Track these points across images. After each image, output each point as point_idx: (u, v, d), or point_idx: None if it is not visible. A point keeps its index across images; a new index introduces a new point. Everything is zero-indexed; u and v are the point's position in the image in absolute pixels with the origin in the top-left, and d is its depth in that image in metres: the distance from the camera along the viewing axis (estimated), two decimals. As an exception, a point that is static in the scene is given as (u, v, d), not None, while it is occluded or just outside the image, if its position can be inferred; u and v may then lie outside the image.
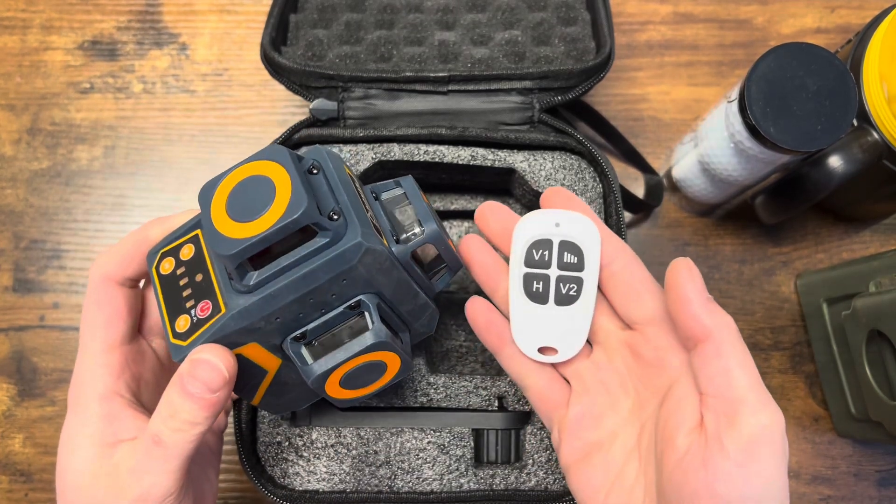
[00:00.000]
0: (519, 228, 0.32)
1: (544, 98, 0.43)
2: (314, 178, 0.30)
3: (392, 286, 0.31)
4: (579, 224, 0.31)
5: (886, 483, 0.48)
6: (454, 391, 0.40)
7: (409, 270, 0.32)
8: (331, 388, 0.31)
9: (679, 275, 0.29)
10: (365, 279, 0.30)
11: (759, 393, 0.26)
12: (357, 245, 0.28)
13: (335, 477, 0.39)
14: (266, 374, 0.32)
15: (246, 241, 0.27)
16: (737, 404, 0.26)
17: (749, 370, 0.27)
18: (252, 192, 0.28)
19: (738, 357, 0.27)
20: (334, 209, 0.29)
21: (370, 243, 0.29)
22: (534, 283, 0.32)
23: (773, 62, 0.38)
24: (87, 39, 0.55)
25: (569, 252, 0.31)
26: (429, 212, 0.33)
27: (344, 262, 0.28)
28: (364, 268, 0.29)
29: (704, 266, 0.51)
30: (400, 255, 0.32)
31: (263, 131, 0.54)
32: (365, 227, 0.29)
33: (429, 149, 0.42)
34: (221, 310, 0.29)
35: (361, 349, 0.30)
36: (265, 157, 0.29)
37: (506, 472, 0.39)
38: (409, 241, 0.32)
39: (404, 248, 0.32)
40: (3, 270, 0.52)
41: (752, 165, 0.42)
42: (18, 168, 0.53)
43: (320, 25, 0.46)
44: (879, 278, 0.42)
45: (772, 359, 0.50)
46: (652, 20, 0.55)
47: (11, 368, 0.50)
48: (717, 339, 0.27)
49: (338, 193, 0.30)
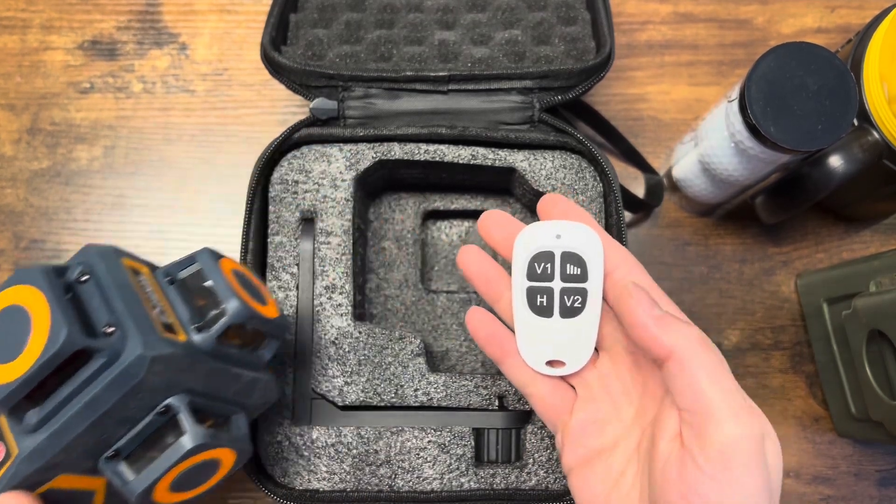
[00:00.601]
0: (519, 242, 0.32)
1: (544, 97, 0.43)
2: (84, 289, 0.28)
3: (201, 379, 0.29)
4: (581, 234, 0.31)
5: (887, 483, 0.48)
6: (454, 390, 0.40)
7: (219, 356, 0.30)
8: (162, 496, 0.29)
9: (626, 302, 0.28)
10: (165, 385, 0.28)
11: (729, 403, 0.26)
12: (140, 358, 0.26)
13: (335, 476, 0.39)
14: (94, 494, 0.30)
15: (7, 388, 0.25)
16: (705, 417, 0.26)
17: (717, 380, 0.26)
18: (6, 327, 0.26)
19: (704, 369, 0.26)
20: (109, 321, 0.27)
21: (155, 351, 0.27)
22: (538, 296, 0.31)
23: (773, 62, 0.38)
24: (87, 39, 0.55)
25: (571, 263, 0.31)
26: (229, 287, 0.30)
27: (130, 379, 0.26)
28: (157, 376, 0.27)
29: (705, 266, 0.51)
30: (203, 344, 0.29)
31: (263, 131, 0.53)
32: (147, 333, 0.27)
33: (429, 148, 0.42)
34: (13, 453, 0.27)
35: (180, 457, 0.28)
36: (16, 282, 0.27)
37: (506, 472, 0.39)
38: (212, 325, 0.30)
39: (207, 336, 0.30)
40: (3, 270, 0.52)
41: (752, 165, 0.42)
42: (18, 168, 0.53)
43: (320, 25, 0.46)
44: (880, 278, 0.42)
45: (772, 358, 0.50)
46: (652, 20, 0.55)
47: (11, 368, 0.50)
48: (679, 356, 0.27)
49: (113, 301, 0.28)
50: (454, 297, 0.47)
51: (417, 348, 0.40)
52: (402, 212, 0.47)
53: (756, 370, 0.50)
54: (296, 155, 0.42)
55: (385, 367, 0.40)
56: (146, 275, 0.31)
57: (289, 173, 0.42)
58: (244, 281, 0.33)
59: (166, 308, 0.30)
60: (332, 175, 0.42)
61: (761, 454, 0.26)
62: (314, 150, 0.42)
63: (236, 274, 0.33)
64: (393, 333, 0.41)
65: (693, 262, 0.51)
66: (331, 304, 0.41)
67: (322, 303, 0.41)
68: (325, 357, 0.40)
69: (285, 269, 0.41)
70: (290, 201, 0.42)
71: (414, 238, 0.47)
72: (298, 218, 0.42)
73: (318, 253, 0.41)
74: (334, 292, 0.41)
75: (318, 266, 0.41)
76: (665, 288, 0.50)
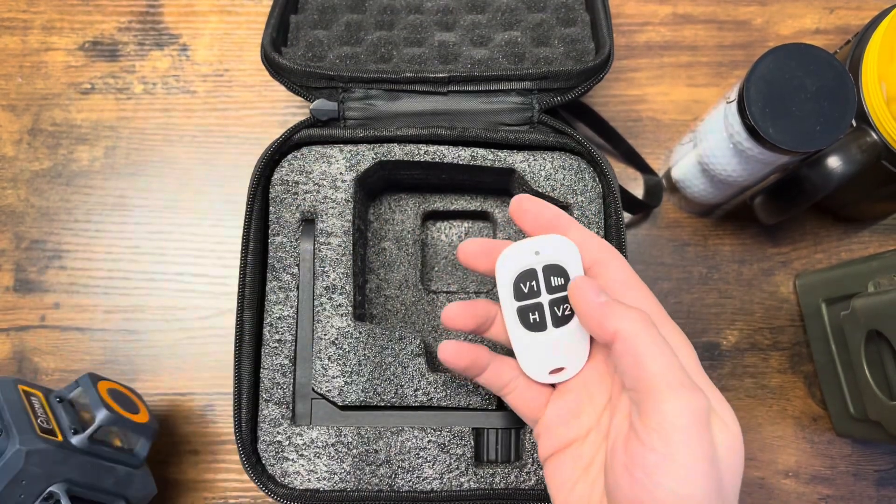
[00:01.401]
0: (500, 266, 0.32)
1: (544, 99, 0.43)
2: None
3: (78, 471, 0.38)
4: (556, 244, 0.31)
5: (885, 483, 0.49)
6: (454, 390, 0.40)
7: (93, 453, 0.39)
8: None
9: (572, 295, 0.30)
10: (45, 474, 0.36)
11: (669, 379, 0.26)
12: (17, 452, 0.35)
13: (336, 476, 0.39)
14: None
15: None
16: (645, 393, 0.26)
17: (658, 358, 0.27)
18: None
19: (647, 347, 0.27)
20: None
21: (31, 446, 0.36)
22: (529, 314, 0.32)
23: (772, 63, 0.38)
24: (88, 40, 0.55)
25: (554, 275, 0.31)
26: (100, 401, 0.40)
27: (12, 468, 0.35)
28: (36, 466, 0.36)
29: (704, 266, 0.51)
30: (79, 443, 0.39)
31: (264, 132, 0.54)
32: (25, 433, 0.36)
33: (429, 149, 0.42)
34: None
35: None
36: None
37: (506, 471, 0.40)
38: (86, 428, 0.39)
39: (83, 437, 0.39)
40: (4, 270, 0.52)
41: (751, 166, 0.42)
42: (19, 168, 0.53)
43: (320, 26, 0.46)
44: (878, 278, 0.42)
45: (771, 359, 0.50)
46: (651, 21, 0.55)
47: (12, 368, 0.50)
48: (622, 336, 0.27)
49: (3, 413, 0.37)
50: (454, 297, 0.47)
51: (417, 348, 0.41)
52: (402, 212, 0.47)
53: (755, 370, 0.50)
54: (296, 156, 0.42)
55: (385, 367, 0.40)
56: (39, 396, 0.41)
57: (289, 174, 0.42)
58: (118, 396, 0.43)
59: (51, 418, 0.39)
60: (332, 176, 0.42)
61: (704, 428, 0.26)
62: (314, 151, 0.42)
63: (111, 391, 0.43)
64: (393, 334, 0.41)
65: (692, 262, 0.52)
66: (331, 305, 0.41)
67: (322, 303, 0.41)
68: (325, 357, 0.40)
69: (286, 270, 0.41)
70: (291, 202, 0.42)
71: (414, 238, 0.47)
72: (299, 219, 0.42)
73: (319, 253, 0.41)
74: (334, 293, 0.41)
75: (318, 266, 0.41)
76: (664, 288, 0.51)
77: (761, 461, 0.49)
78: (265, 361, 0.40)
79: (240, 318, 0.40)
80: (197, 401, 0.50)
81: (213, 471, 0.49)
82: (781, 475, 0.49)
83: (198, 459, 0.49)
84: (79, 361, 0.50)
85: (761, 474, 0.49)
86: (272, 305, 0.41)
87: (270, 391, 0.40)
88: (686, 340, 0.30)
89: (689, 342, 0.30)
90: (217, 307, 0.51)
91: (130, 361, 0.50)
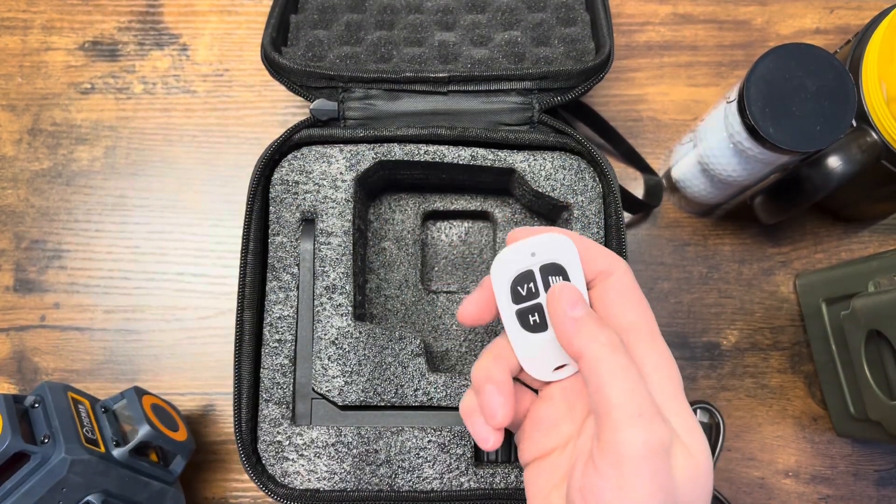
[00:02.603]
0: (496, 271, 0.31)
1: (544, 98, 0.43)
2: (34, 412, 0.39)
3: (116, 482, 0.39)
4: (554, 243, 0.31)
5: (885, 482, 0.49)
6: (454, 390, 0.40)
7: (131, 466, 0.40)
8: None
9: (549, 302, 0.29)
10: (85, 483, 0.37)
11: (629, 409, 0.26)
12: (62, 460, 0.36)
13: (336, 476, 0.39)
14: None
15: None
16: (604, 418, 0.26)
17: (620, 385, 0.26)
18: None
19: (610, 373, 0.26)
20: (46, 434, 0.37)
21: (75, 455, 0.37)
22: (529, 316, 0.31)
23: (772, 63, 0.38)
24: (88, 40, 0.55)
25: (552, 274, 0.31)
26: (143, 416, 0.41)
27: (55, 475, 0.36)
28: (77, 475, 0.37)
29: (704, 266, 0.51)
30: (120, 455, 0.40)
31: (264, 132, 0.54)
32: (71, 442, 0.37)
33: (429, 149, 0.42)
34: None
35: None
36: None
37: (506, 471, 0.40)
38: (128, 442, 0.40)
39: (124, 450, 0.40)
40: (4, 270, 0.52)
41: (751, 166, 0.42)
42: (19, 168, 0.53)
43: (320, 26, 0.46)
44: (878, 278, 0.42)
45: (771, 359, 0.50)
46: (651, 21, 0.55)
47: (12, 368, 0.50)
48: (586, 358, 0.27)
49: (52, 420, 0.38)
50: (454, 297, 0.47)
51: (417, 348, 0.41)
52: (402, 212, 0.47)
53: (755, 370, 0.50)
54: (296, 156, 0.42)
55: (385, 367, 0.40)
56: (86, 405, 0.41)
57: (289, 174, 0.42)
58: (160, 412, 0.43)
59: (95, 429, 0.40)
60: (332, 176, 0.42)
61: (660, 462, 0.25)
62: (314, 151, 0.42)
63: (154, 407, 0.43)
64: (393, 333, 0.41)
65: (692, 262, 0.52)
66: (331, 305, 0.41)
67: (322, 303, 0.41)
68: (325, 357, 0.40)
69: (286, 270, 0.41)
70: (291, 202, 0.42)
71: (414, 238, 0.47)
72: (299, 218, 0.42)
73: (319, 253, 0.41)
74: (335, 292, 0.41)
75: (318, 266, 0.41)
76: (664, 288, 0.51)
77: (761, 461, 0.49)
78: (265, 361, 0.40)
79: (240, 318, 0.40)
80: (197, 401, 0.50)
81: (213, 470, 0.49)
82: (781, 475, 0.49)
83: (198, 459, 0.49)
84: (79, 361, 0.50)
85: (761, 474, 0.49)
86: (272, 305, 0.41)
87: (270, 391, 0.40)
88: (669, 361, 0.29)
89: (672, 362, 0.29)
90: (217, 307, 0.51)
91: (130, 361, 0.50)
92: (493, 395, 0.29)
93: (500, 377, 0.30)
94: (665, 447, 0.26)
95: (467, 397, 0.32)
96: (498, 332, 0.46)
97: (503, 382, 0.30)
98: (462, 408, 0.32)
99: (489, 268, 0.47)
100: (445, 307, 0.47)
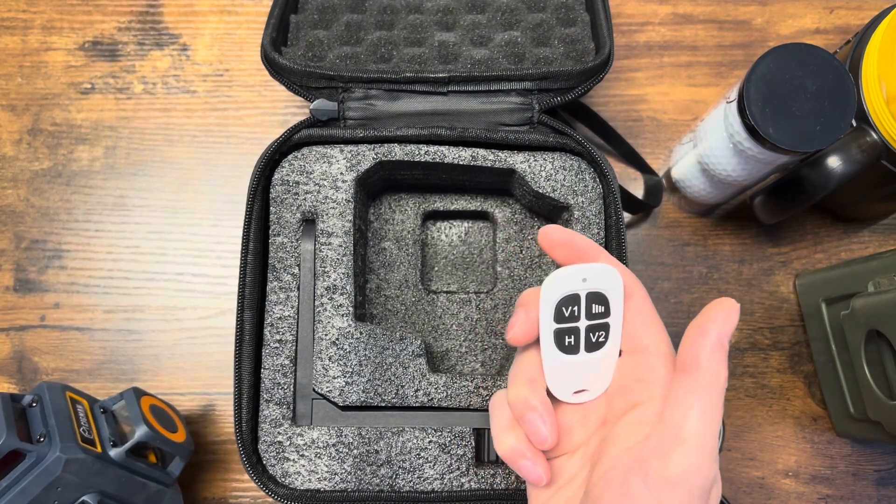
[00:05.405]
0: (547, 288, 0.32)
1: (544, 99, 0.43)
2: (31, 411, 0.39)
3: (112, 483, 0.39)
4: (605, 273, 0.31)
5: (885, 482, 0.49)
6: (455, 391, 0.40)
7: (128, 467, 0.40)
8: None
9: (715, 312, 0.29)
10: (81, 483, 0.37)
11: (702, 443, 0.26)
12: (57, 459, 0.36)
13: (336, 476, 0.39)
14: None
15: None
16: (677, 441, 0.26)
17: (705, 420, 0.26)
18: None
19: (704, 404, 0.27)
20: (42, 433, 0.37)
21: (70, 454, 0.37)
22: (565, 337, 0.32)
23: (772, 63, 0.38)
24: (88, 40, 0.55)
25: (596, 303, 0.31)
26: (141, 417, 0.41)
27: (50, 474, 0.36)
28: (72, 475, 0.37)
29: (703, 266, 0.51)
30: (117, 456, 0.39)
31: (264, 132, 0.54)
32: (67, 441, 0.37)
33: (429, 149, 0.42)
34: None
35: None
36: None
37: (506, 472, 0.40)
38: (125, 442, 0.40)
39: (120, 450, 0.39)
40: (4, 270, 0.52)
41: (751, 166, 0.42)
42: (19, 168, 0.53)
43: (320, 26, 0.46)
44: (878, 278, 0.42)
45: (771, 359, 0.50)
46: (651, 21, 0.55)
47: (12, 368, 0.50)
48: (698, 379, 0.27)
49: (49, 419, 0.38)
50: (454, 297, 0.47)
51: (418, 349, 0.41)
52: (403, 212, 0.47)
53: (755, 370, 0.50)
54: (296, 156, 0.42)
55: (386, 367, 0.40)
56: (84, 405, 0.41)
57: (289, 174, 0.42)
58: (159, 413, 0.43)
59: (92, 428, 0.40)
60: (332, 176, 0.42)
61: (706, 496, 0.26)
62: (315, 151, 0.42)
63: (153, 408, 0.43)
64: (394, 334, 0.41)
65: (692, 262, 0.52)
66: (332, 305, 0.41)
67: (323, 303, 0.41)
68: (325, 357, 0.40)
69: (286, 270, 0.41)
70: (291, 202, 0.42)
71: (414, 238, 0.47)
72: (299, 219, 0.42)
73: (319, 253, 0.41)
74: (335, 293, 0.41)
75: (318, 267, 0.41)
76: (664, 288, 0.51)
77: (761, 461, 0.49)
78: (266, 362, 0.40)
79: (240, 318, 0.40)
80: (197, 401, 0.50)
81: (213, 470, 0.49)
82: (781, 475, 0.49)
83: (198, 459, 0.49)
84: (79, 361, 0.50)
85: (761, 474, 0.49)
86: (273, 305, 0.41)
87: (271, 391, 0.40)
88: None
89: None
90: (217, 307, 0.51)
91: (130, 361, 0.50)
92: (539, 423, 0.30)
93: (538, 402, 0.30)
94: (710, 487, 0.26)
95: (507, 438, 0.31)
96: (498, 332, 0.46)
97: (543, 404, 0.30)
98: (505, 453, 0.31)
99: (489, 268, 0.48)
100: (445, 307, 0.47)
